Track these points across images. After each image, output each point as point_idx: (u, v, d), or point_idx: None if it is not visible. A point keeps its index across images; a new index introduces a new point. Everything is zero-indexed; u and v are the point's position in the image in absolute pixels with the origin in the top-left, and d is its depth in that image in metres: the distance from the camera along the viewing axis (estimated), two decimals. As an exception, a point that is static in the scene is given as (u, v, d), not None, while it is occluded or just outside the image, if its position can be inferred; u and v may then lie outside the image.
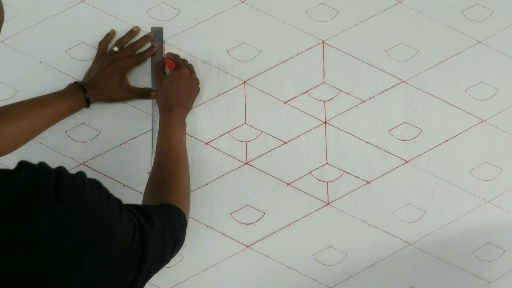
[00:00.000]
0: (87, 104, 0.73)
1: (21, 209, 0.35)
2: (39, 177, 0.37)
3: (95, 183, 0.44)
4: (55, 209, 0.36)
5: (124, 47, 0.78)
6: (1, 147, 0.61)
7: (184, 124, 0.74)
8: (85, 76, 0.77)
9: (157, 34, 0.79)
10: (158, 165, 0.66)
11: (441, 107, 0.81)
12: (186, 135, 0.79)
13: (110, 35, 0.78)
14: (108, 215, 0.41)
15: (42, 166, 0.40)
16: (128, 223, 0.44)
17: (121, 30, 0.79)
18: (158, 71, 0.74)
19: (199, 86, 0.77)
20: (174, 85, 0.71)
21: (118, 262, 0.41)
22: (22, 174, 0.37)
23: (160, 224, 0.50)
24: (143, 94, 0.78)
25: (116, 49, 0.77)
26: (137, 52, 0.78)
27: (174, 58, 0.75)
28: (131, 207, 0.50)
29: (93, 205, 0.40)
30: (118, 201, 0.46)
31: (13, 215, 0.34)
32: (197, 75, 0.79)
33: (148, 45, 0.79)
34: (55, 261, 0.36)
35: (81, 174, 0.43)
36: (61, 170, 0.40)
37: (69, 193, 0.38)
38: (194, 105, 0.79)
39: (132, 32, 0.78)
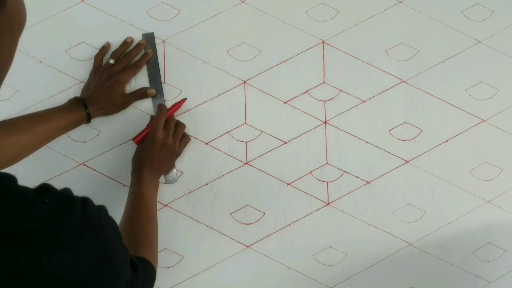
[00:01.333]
0: (88, 119, 0.73)
1: (41, 239, 0.35)
2: (63, 208, 0.37)
3: (112, 220, 0.45)
4: (75, 243, 0.37)
5: (120, 58, 0.78)
6: (0, 161, 0.61)
7: (157, 184, 0.74)
8: (83, 91, 0.77)
9: (148, 40, 0.79)
10: (130, 223, 0.66)
11: (441, 107, 0.81)
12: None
13: (105, 48, 0.78)
14: (119, 257, 0.42)
15: (68, 195, 0.39)
16: (128, 270, 0.46)
17: (121, 30, 0.79)
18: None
19: (178, 151, 0.76)
20: (146, 149, 0.71)
21: None
22: (47, 201, 0.37)
23: (143, 277, 0.53)
24: (140, 96, 0.78)
25: (112, 61, 0.77)
26: (133, 61, 0.78)
27: (157, 117, 0.73)
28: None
29: (109, 245, 0.41)
30: (124, 246, 0.47)
31: (31, 244, 0.34)
32: (197, 75, 0.79)
33: (143, 52, 0.79)
34: None
35: (102, 209, 0.44)
36: (86, 202, 0.40)
37: (91, 229, 0.39)
38: (193, 105, 0.79)
39: (126, 43, 0.78)
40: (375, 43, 0.81)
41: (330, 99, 0.81)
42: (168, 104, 0.78)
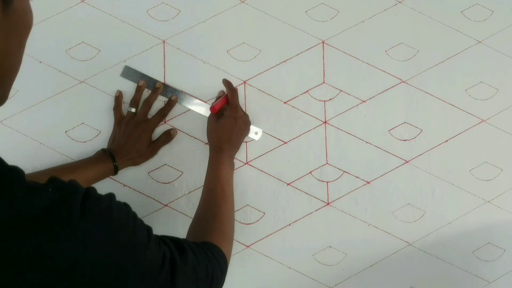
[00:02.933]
0: (115, 171, 0.73)
1: (43, 226, 0.34)
2: (66, 195, 0.37)
3: (124, 207, 0.43)
4: (77, 230, 0.36)
5: (139, 106, 0.78)
6: None
7: (232, 165, 0.75)
8: (109, 142, 0.77)
9: (129, 73, 0.78)
10: (203, 203, 0.66)
11: (441, 107, 0.81)
12: (186, 135, 0.79)
13: (119, 97, 0.78)
14: (133, 242, 0.40)
15: (72, 184, 0.39)
16: (156, 252, 0.43)
17: (121, 30, 0.79)
18: (212, 114, 0.75)
19: (250, 121, 0.78)
20: (226, 128, 0.73)
21: None
22: (50, 190, 0.36)
23: (194, 260, 0.48)
24: (165, 140, 0.78)
25: (133, 110, 0.77)
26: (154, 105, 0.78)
27: (231, 96, 0.74)
28: (166, 238, 0.48)
29: (117, 230, 0.39)
30: (147, 228, 0.45)
31: (34, 231, 0.34)
32: (197, 75, 0.79)
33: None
34: (69, 282, 0.35)
35: (110, 196, 0.42)
36: (89, 190, 0.40)
37: (94, 215, 0.37)
38: (194, 105, 0.79)
39: (139, 87, 0.78)
40: (375, 43, 0.81)
41: (330, 99, 0.81)
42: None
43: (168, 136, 0.78)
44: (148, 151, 0.76)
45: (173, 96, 0.78)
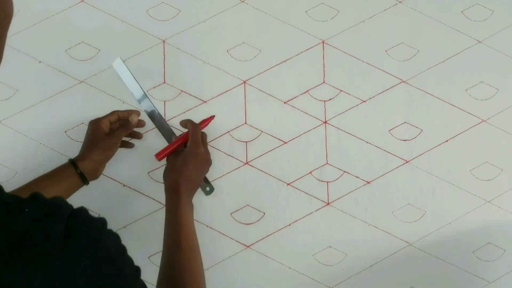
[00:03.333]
0: (83, 180, 0.67)
1: (18, 254, 0.30)
2: (45, 216, 0.33)
3: (114, 237, 0.40)
4: (56, 258, 0.32)
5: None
6: None
7: (192, 206, 0.68)
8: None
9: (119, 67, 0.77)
10: (170, 259, 0.59)
11: (441, 107, 0.81)
12: (186, 135, 0.79)
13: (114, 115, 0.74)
14: (118, 276, 0.37)
15: (54, 202, 0.35)
16: None
17: (121, 30, 0.79)
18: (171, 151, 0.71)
19: (211, 160, 0.73)
20: (186, 166, 0.67)
21: None
22: (26, 210, 0.32)
23: None
24: (123, 125, 0.73)
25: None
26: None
27: (193, 131, 0.70)
28: None
29: (103, 260, 0.35)
30: (136, 269, 0.42)
31: (9, 260, 0.30)
32: (197, 75, 0.79)
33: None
34: None
35: (102, 221, 0.38)
36: (79, 210, 0.36)
37: (80, 240, 0.34)
38: (194, 105, 0.79)
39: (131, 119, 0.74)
40: (375, 43, 0.81)
41: (330, 99, 0.81)
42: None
43: (126, 122, 0.72)
44: (107, 143, 0.69)
45: (133, 115, 0.74)
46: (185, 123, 0.74)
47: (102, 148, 0.69)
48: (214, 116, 0.78)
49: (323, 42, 0.81)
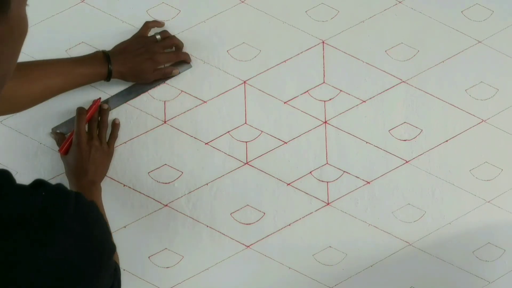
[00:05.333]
0: (108, 77, 0.71)
1: (37, 231, 0.35)
2: (60, 198, 0.38)
3: (103, 218, 0.45)
4: (71, 232, 0.37)
5: (166, 38, 0.77)
6: (11, 107, 0.62)
7: (99, 188, 0.71)
8: (116, 47, 0.75)
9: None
10: None
11: (441, 107, 0.81)
12: (186, 135, 0.79)
13: (160, 23, 0.78)
14: (105, 249, 0.42)
15: (61, 187, 0.40)
16: (112, 266, 0.46)
17: (121, 30, 0.79)
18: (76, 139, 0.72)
19: (108, 150, 0.74)
20: (74, 158, 0.70)
21: None
22: (43, 193, 0.37)
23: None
24: (165, 74, 0.76)
25: (158, 37, 0.76)
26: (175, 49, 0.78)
27: (77, 121, 0.71)
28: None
29: (99, 235, 0.41)
30: (113, 243, 0.47)
31: (28, 234, 0.35)
32: (197, 75, 0.79)
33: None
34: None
35: (94, 204, 0.43)
36: (79, 195, 0.41)
37: (85, 219, 0.39)
38: (194, 105, 0.79)
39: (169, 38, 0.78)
40: (375, 43, 0.81)
41: (330, 99, 0.81)
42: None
43: (169, 71, 0.76)
44: (143, 78, 0.75)
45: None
46: (77, 110, 0.74)
47: (138, 79, 0.74)
48: (100, 98, 0.76)
49: (323, 42, 0.81)
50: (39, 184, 0.39)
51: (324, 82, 0.81)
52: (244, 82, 0.80)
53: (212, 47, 0.80)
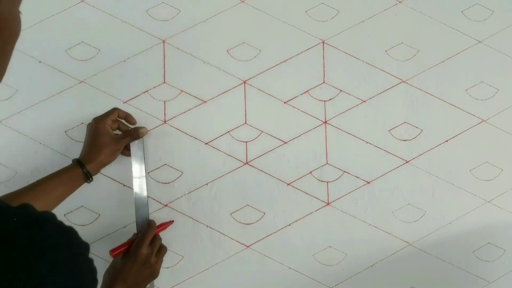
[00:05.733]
0: (88, 178, 0.71)
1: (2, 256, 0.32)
2: (32, 224, 0.35)
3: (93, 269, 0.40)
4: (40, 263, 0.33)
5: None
6: None
7: None
8: (82, 151, 0.74)
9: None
10: None
11: (441, 107, 0.81)
12: (186, 135, 0.79)
13: (116, 113, 0.75)
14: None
15: (44, 215, 0.36)
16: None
17: (121, 30, 0.79)
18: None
19: (157, 271, 0.70)
20: (125, 264, 0.66)
21: None
22: (15, 219, 0.34)
23: None
24: (132, 135, 0.74)
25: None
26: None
27: (144, 233, 0.69)
28: None
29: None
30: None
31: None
32: (197, 75, 0.79)
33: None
34: None
35: (85, 246, 0.39)
36: (70, 229, 0.38)
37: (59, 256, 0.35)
38: (194, 105, 0.79)
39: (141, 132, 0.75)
40: (375, 43, 0.81)
41: (330, 99, 0.81)
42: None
43: (136, 132, 0.73)
44: (112, 148, 0.71)
45: (143, 129, 0.75)
46: (148, 223, 0.72)
47: (110, 152, 0.72)
48: (173, 221, 0.76)
49: (323, 42, 0.81)
50: (20, 207, 0.36)
51: (324, 82, 0.81)
52: (244, 82, 0.80)
53: (212, 47, 0.80)
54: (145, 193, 0.75)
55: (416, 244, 0.79)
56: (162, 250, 0.72)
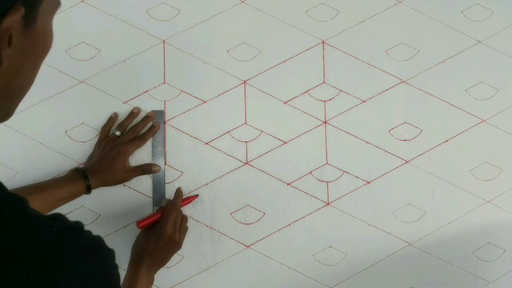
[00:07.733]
0: (88, 190, 0.71)
1: (43, 268, 0.33)
2: (73, 235, 0.37)
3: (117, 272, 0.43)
4: (75, 276, 0.35)
5: (126, 130, 0.76)
6: None
7: (152, 279, 0.69)
8: (86, 161, 0.76)
9: (158, 115, 0.78)
10: None
11: (441, 107, 0.81)
12: (186, 135, 0.79)
13: (112, 119, 0.77)
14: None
15: (76, 227, 0.38)
16: None
17: (121, 30, 0.79)
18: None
19: (181, 244, 0.72)
20: (149, 241, 0.68)
21: None
22: (54, 229, 0.36)
23: None
24: (144, 171, 0.76)
25: (118, 133, 0.75)
26: (140, 134, 0.77)
27: (169, 209, 0.70)
28: None
29: (105, 286, 0.39)
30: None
31: (34, 271, 0.33)
32: (197, 75, 0.79)
33: (150, 125, 0.78)
34: None
35: (112, 252, 0.42)
36: (97, 238, 0.39)
37: (97, 265, 0.37)
38: (194, 105, 0.79)
39: (133, 113, 0.77)
40: (375, 43, 0.81)
41: (330, 99, 0.81)
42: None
43: (148, 168, 0.75)
44: (122, 176, 0.74)
45: (156, 123, 0.77)
46: (177, 192, 0.75)
47: (117, 181, 0.74)
48: (197, 195, 0.77)
49: (323, 42, 0.81)
50: (55, 217, 0.37)
51: (324, 82, 0.81)
52: (244, 82, 0.80)
53: (212, 47, 0.80)
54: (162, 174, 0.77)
55: (416, 244, 0.79)
56: (184, 224, 0.73)
